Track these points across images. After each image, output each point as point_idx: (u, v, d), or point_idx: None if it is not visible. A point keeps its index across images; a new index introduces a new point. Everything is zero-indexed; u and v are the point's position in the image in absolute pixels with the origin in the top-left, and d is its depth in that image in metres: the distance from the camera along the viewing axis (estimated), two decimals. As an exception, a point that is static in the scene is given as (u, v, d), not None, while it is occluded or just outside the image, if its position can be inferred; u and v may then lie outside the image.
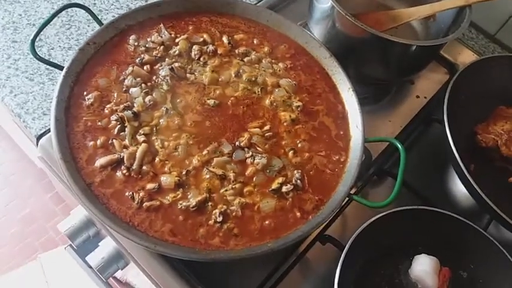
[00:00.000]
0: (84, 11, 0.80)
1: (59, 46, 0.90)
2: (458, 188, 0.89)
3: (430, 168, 0.93)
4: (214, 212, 0.65)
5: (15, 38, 0.90)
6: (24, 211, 1.87)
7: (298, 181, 0.71)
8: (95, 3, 0.98)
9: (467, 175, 0.78)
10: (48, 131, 0.79)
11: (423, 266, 0.71)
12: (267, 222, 0.67)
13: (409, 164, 0.71)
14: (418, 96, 1.02)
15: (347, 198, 0.70)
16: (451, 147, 0.80)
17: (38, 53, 0.74)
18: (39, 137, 0.79)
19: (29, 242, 1.80)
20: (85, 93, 0.72)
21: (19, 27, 0.91)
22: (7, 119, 1.40)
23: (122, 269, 0.81)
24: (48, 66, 0.85)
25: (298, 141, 0.75)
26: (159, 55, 0.79)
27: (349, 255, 0.66)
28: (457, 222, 0.74)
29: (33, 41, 0.72)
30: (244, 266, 0.74)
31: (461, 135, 0.84)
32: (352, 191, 0.72)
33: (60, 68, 0.73)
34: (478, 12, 0.91)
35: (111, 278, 0.91)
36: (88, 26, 0.94)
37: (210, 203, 0.66)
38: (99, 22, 0.79)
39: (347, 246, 0.67)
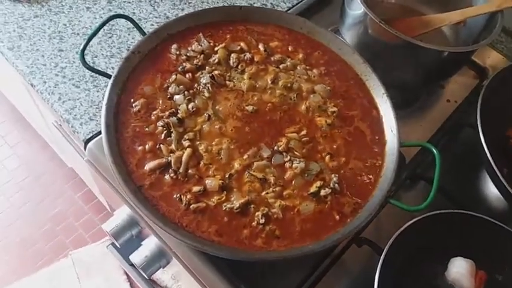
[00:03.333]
0: (124, 20, 0.84)
1: (102, 54, 0.94)
2: (491, 191, 0.90)
3: (462, 172, 0.94)
4: (256, 214, 0.68)
5: (61, 47, 0.95)
6: (55, 210, 1.93)
7: (336, 185, 0.73)
8: (134, 13, 1.02)
9: (501, 178, 0.79)
10: (95, 135, 0.84)
11: (459, 268, 0.73)
12: (307, 224, 0.69)
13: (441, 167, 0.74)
14: (448, 101, 1.03)
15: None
16: (484, 151, 0.81)
17: (83, 61, 0.78)
18: (87, 141, 0.83)
19: (60, 240, 1.86)
20: (132, 100, 0.76)
21: (64, 36, 0.96)
22: (40, 121, 1.46)
23: (163, 267, 0.85)
24: (92, 74, 0.89)
25: (334, 146, 0.78)
26: (199, 63, 0.82)
27: (387, 259, 0.68)
28: (491, 225, 0.75)
29: (82, 52, 0.77)
30: (282, 268, 0.77)
31: (494, 140, 0.85)
32: (387, 194, 0.74)
33: (108, 76, 0.77)
34: (507, 15, 0.91)
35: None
36: (128, 34, 0.98)
37: (252, 205, 0.69)
38: (142, 32, 0.83)
39: (385, 249, 0.69)
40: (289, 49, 0.88)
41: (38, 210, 1.92)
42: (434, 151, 0.76)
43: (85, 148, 0.83)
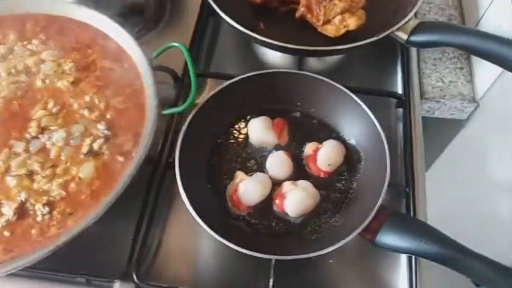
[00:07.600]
0: None
1: None
2: (265, 54, 0.92)
3: (234, 54, 0.95)
4: (37, 207, 0.62)
5: None
6: None
7: (106, 131, 0.69)
8: None
9: (258, 36, 0.79)
10: None
11: (255, 129, 0.73)
12: (95, 184, 0.64)
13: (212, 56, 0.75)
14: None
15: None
16: (228, 22, 0.81)
17: None
18: None
19: None
20: None
21: None
22: None
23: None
24: None
25: (87, 99, 0.72)
26: None
27: (182, 161, 0.67)
28: (271, 76, 0.77)
29: None
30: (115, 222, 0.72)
31: (234, 7, 0.85)
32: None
33: None
34: None
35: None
36: None
37: (28, 203, 0.62)
38: None
39: (177, 157, 0.67)
40: (-3, 37, 0.79)
41: None
42: (177, 44, 0.75)
43: None
